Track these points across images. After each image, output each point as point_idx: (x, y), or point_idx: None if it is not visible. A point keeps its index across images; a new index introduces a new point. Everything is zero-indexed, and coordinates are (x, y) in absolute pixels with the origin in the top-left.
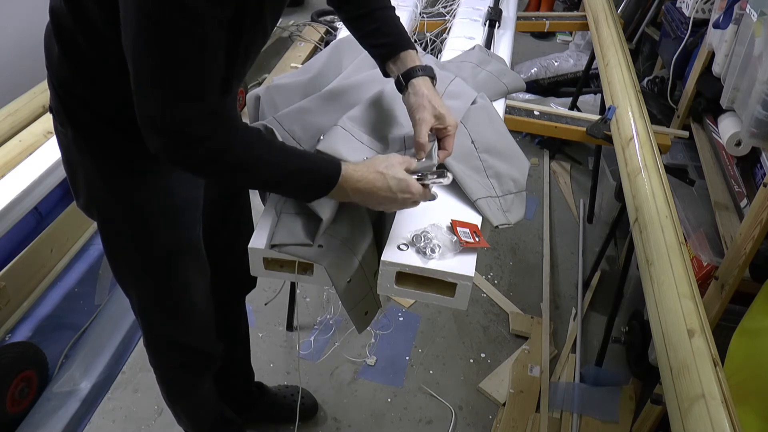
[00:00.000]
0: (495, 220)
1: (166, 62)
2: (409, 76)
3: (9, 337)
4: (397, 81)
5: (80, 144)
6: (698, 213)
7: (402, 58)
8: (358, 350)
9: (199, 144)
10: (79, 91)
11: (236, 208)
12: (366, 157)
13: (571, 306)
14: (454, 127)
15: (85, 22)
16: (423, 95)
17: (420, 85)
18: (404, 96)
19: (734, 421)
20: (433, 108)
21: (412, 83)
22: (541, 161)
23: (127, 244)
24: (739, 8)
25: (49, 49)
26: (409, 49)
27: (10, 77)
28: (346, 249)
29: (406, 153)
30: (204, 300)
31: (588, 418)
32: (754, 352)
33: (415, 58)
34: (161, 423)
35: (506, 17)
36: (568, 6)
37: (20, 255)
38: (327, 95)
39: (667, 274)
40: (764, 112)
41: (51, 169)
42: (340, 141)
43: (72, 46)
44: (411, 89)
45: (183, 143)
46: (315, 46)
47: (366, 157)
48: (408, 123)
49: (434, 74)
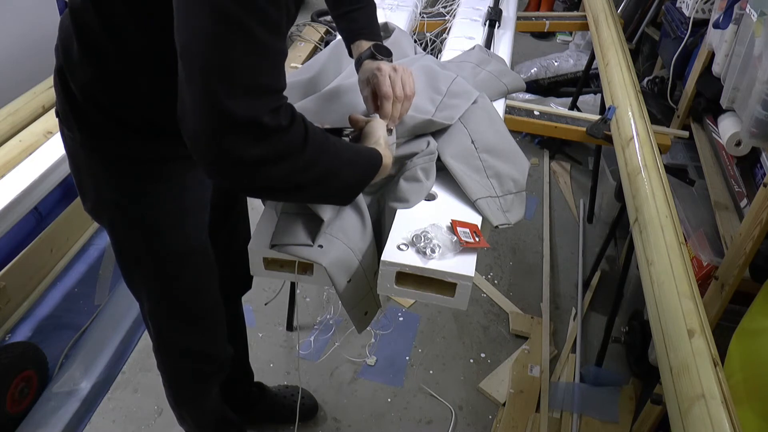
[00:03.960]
0: (495, 220)
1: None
2: (356, 65)
3: (9, 337)
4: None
5: (89, 147)
6: (698, 213)
7: (356, 47)
8: (358, 350)
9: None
10: (99, 94)
11: (235, 209)
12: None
13: (571, 306)
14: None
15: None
16: (364, 72)
17: (361, 71)
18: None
19: (734, 421)
20: (366, 81)
21: (359, 71)
22: (541, 161)
23: (136, 247)
24: (739, 8)
25: (67, 50)
26: (362, 40)
27: (11, 77)
28: (346, 249)
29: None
30: (214, 304)
31: (588, 418)
32: (753, 352)
33: (363, 46)
34: (161, 423)
35: (506, 17)
36: (568, 6)
37: (20, 255)
38: (327, 95)
39: (667, 274)
40: (764, 112)
41: (51, 169)
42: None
43: (95, 47)
44: (359, 76)
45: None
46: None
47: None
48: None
49: (371, 53)
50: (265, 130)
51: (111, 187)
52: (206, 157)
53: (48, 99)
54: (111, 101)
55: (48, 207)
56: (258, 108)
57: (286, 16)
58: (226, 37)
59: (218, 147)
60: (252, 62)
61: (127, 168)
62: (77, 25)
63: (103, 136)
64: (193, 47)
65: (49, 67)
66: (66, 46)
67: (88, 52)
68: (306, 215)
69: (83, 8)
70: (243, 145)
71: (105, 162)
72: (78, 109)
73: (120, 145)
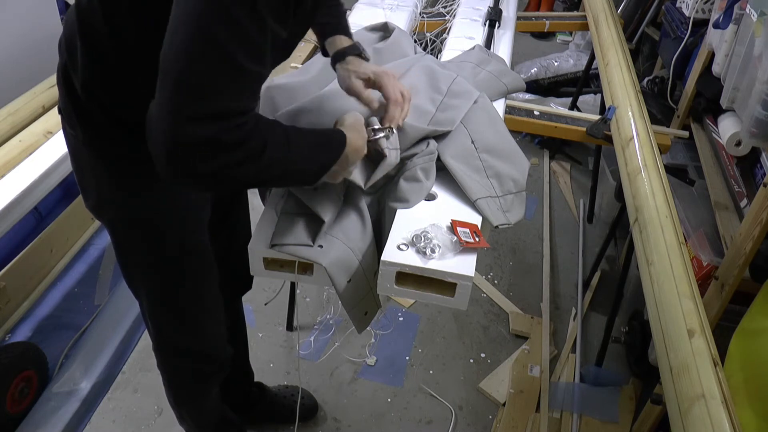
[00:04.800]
0: (495, 220)
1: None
2: (335, 60)
3: (9, 337)
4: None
5: (91, 146)
6: (698, 213)
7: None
8: (358, 350)
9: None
10: (100, 92)
11: (235, 209)
12: None
13: (571, 306)
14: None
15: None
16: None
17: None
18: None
19: (734, 421)
20: (356, 73)
21: (338, 67)
22: (541, 161)
23: (136, 245)
24: (739, 8)
25: (71, 48)
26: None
27: (11, 77)
28: (346, 249)
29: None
30: (214, 304)
31: (588, 418)
32: (753, 352)
33: (344, 42)
34: (161, 423)
35: (506, 17)
36: (568, 6)
37: (20, 255)
38: (327, 95)
39: (667, 274)
40: (764, 112)
41: (51, 169)
42: None
43: (97, 46)
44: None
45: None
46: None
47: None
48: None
49: (359, 51)
50: (223, 146)
51: (111, 185)
52: (162, 165)
53: (48, 99)
54: (111, 100)
55: (48, 207)
56: (220, 128)
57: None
58: (204, 57)
59: (175, 158)
60: (224, 85)
61: (127, 167)
62: (81, 22)
63: (104, 134)
64: (171, 58)
65: (49, 68)
66: (70, 43)
67: (91, 50)
68: (306, 215)
69: (89, 7)
70: (199, 160)
71: (105, 160)
72: (80, 107)
73: (120, 145)
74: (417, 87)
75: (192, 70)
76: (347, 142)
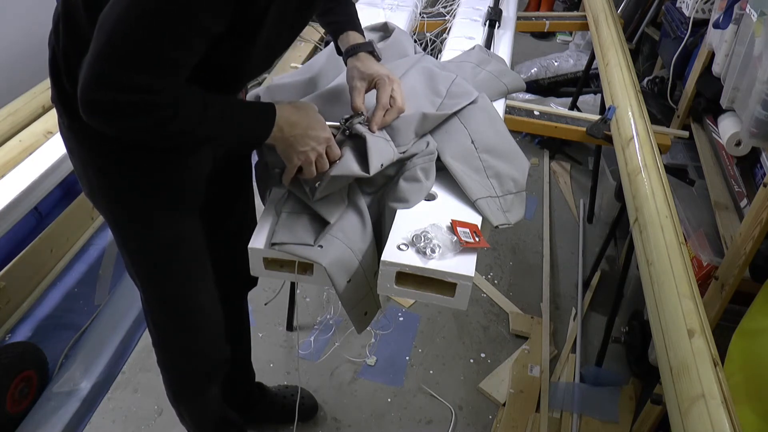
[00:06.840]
0: (495, 220)
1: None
2: (347, 55)
3: (9, 337)
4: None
5: (77, 131)
6: (698, 213)
7: (344, 38)
8: (358, 350)
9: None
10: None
11: (242, 202)
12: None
13: (571, 306)
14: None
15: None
16: (354, 68)
17: (353, 61)
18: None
19: (734, 421)
20: (361, 74)
21: (349, 61)
22: (541, 161)
23: (127, 229)
24: (739, 8)
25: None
26: (349, 31)
27: (11, 77)
28: (346, 249)
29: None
30: (211, 302)
31: (588, 418)
32: (753, 352)
33: (357, 38)
34: (161, 423)
35: (506, 17)
36: (568, 6)
37: (20, 255)
38: (327, 95)
39: (667, 274)
40: (764, 112)
41: (51, 169)
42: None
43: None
44: (348, 65)
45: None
46: (315, 46)
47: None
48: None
49: (372, 48)
50: (130, 113)
51: (97, 167)
52: (84, 108)
53: (48, 99)
54: None
55: (48, 207)
56: (131, 97)
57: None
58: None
59: (87, 108)
60: (147, 60)
61: (111, 151)
62: (66, 12)
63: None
64: (107, 20)
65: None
66: (56, 34)
67: (73, 38)
68: (307, 214)
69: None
70: (107, 117)
71: (91, 143)
72: (65, 94)
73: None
74: (416, 89)
75: (122, 39)
76: (278, 113)
